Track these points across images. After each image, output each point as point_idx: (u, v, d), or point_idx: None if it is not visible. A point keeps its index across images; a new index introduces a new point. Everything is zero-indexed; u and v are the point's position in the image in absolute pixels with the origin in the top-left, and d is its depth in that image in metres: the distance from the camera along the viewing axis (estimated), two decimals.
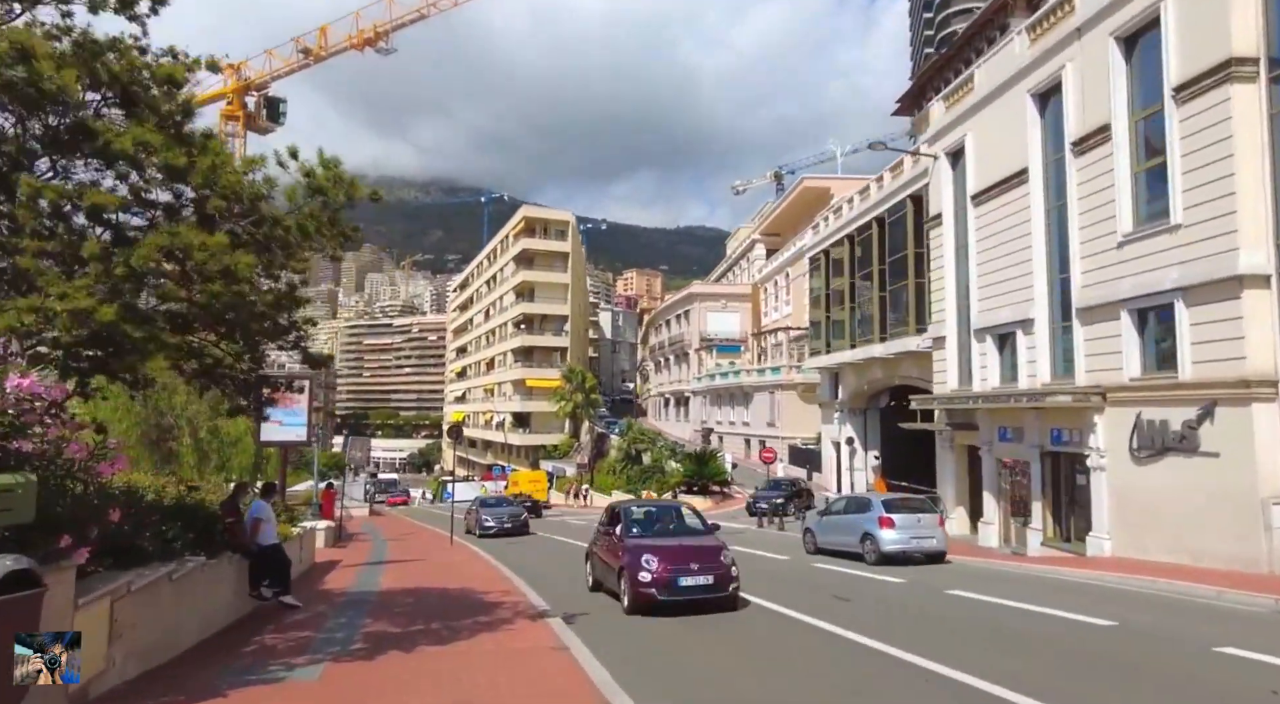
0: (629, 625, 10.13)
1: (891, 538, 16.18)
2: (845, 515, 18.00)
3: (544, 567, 17.56)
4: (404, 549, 21.66)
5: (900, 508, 16.84)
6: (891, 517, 16.37)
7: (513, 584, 13.37)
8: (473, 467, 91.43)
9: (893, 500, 17.35)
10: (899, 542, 16.21)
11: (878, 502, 17.09)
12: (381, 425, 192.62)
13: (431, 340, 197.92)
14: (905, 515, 16.59)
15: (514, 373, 79.04)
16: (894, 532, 16.22)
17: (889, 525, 16.28)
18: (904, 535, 16.27)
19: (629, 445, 46.40)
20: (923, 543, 16.54)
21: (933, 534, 16.74)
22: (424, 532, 30.37)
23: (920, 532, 16.53)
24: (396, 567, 16.61)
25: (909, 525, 16.44)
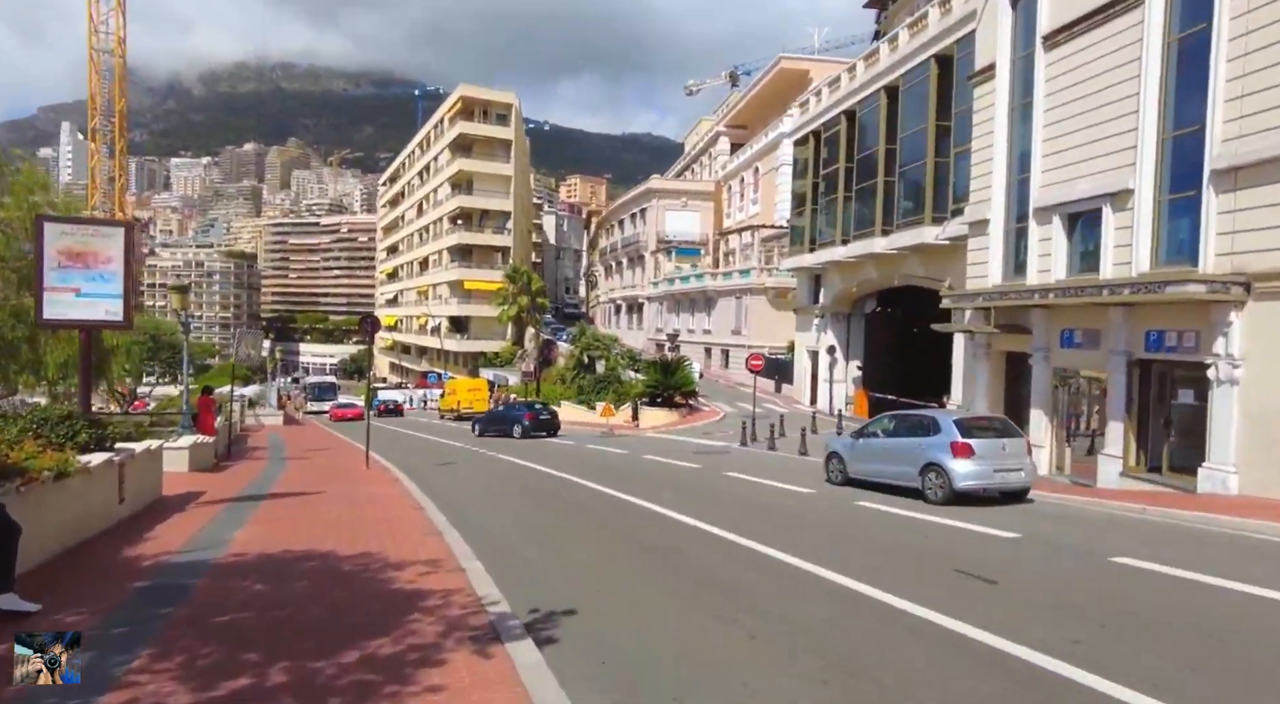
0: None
1: (969, 470, 12.04)
2: (895, 438, 13.78)
3: (486, 505, 12.82)
4: (303, 474, 16.60)
5: (980, 430, 12.65)
6: (969, 442, 12.14)
7: (445, 544, 8.60)
8: (407, 373, 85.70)
9: (969, 421, 13.16)
10: (979, 476, 12.10)
11: (948, 422, 12.78)
12: (310, 330, 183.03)
13: (361, 241, 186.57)
14: (987, 441, 12.39)
15: (451, 274, 72.58)
16: (972, 462, 12.07)
17: (966, 454, 12.07)
18: (985, 467, 12.15)
19: (581, 352, 41.64)
20: (1008, 477, 12.47)
21: (1020, 465, 12.69)
22: (341, 447, 25.25)
23: (1005, 462, 12.41)
24: (277, 506, 11.63)
25: (991, 454, 12.26)
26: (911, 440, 13.22)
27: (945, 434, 12.49)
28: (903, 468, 13.12)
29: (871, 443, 14.29)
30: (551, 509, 12.09)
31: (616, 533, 10.02)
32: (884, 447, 13.95)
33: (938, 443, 12.49)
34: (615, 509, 11.88)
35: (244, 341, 21.06)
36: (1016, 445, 12.83)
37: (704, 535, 9.58)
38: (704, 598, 6.78)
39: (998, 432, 12.94)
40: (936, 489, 12.30)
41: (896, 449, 13.52)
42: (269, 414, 43.11)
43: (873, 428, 14.81)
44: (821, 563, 7.85)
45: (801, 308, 37.09)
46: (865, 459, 14.26)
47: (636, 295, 61.77)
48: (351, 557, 7.87)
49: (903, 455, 13.21)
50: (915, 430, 13.42)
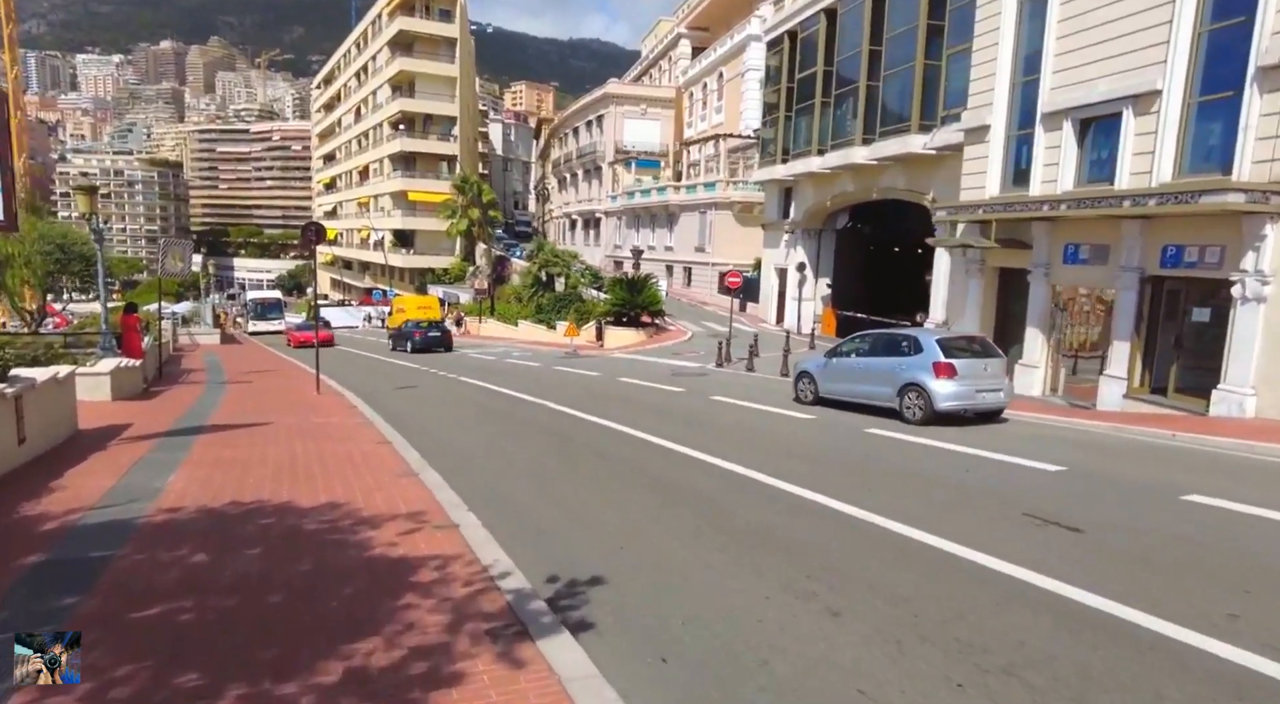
0: None
1: (951, 391, 11.82)
2: (873, 358, 13.40)
3: (462, 436, 11.46)
4: (246, 401, 14.89)
5: (961, 351, 12.38)
6: (952, 362, 11.92)
7: (425, 489, 7.28)
8: (349, 290, 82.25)
9: (951, 341, 12.73)
10: (960, 396, 11.90)
11: (931, 342, 12.39)
12: (244, 244, 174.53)
13: (295, 150, 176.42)
14: (969, 361, 12.17)
15: (393, 184, 68.62)
16: (954, 382, 11.84)
17: (948, 374, 11.84)
18: (967, 387, 11.94)
19: (539, 269, 39.67)
20: (988, 397, 12.29)
21: (999, 385, 12.49)
22: (286, 368, 23.37)
23: (986, 382, 12.21)
24: (219, 442, 10.06)
25: (973, 374, 12.05)
26: (890, 360, 12.87)
27: (927, 354, 12.19)
28: (880, 388, 12.88)
29: (845, 362, 13.94)
30: (538, 441, 10.81)
31: (618, 469, 8.81)
32: (860, 366, 13.60)
33: (919, 363, 12.22)
34: (607, 439, 10.67)
35: (170, 252, 18.69)
36: (996, 366, 12.59)
37: (721, 472, 8.47)
38: (759, 559, 5.64)
39: (979, 352, 12.64)
40: (915, 409, 12.08)
41: (873, 369, 13.19)
42: (204, 333, 40.39)
43: (847, 347, 14.34)
44: (874, 508, 6.81)
45: (770, 223, 35.69)
46: (838, 379, 13.94)
47: (593, 210, 59.36)
48: (314, 510, 6.47)
49: (880, 375, 12.92)
50: (894, 350, 13.02)
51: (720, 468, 8.67)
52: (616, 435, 11.00)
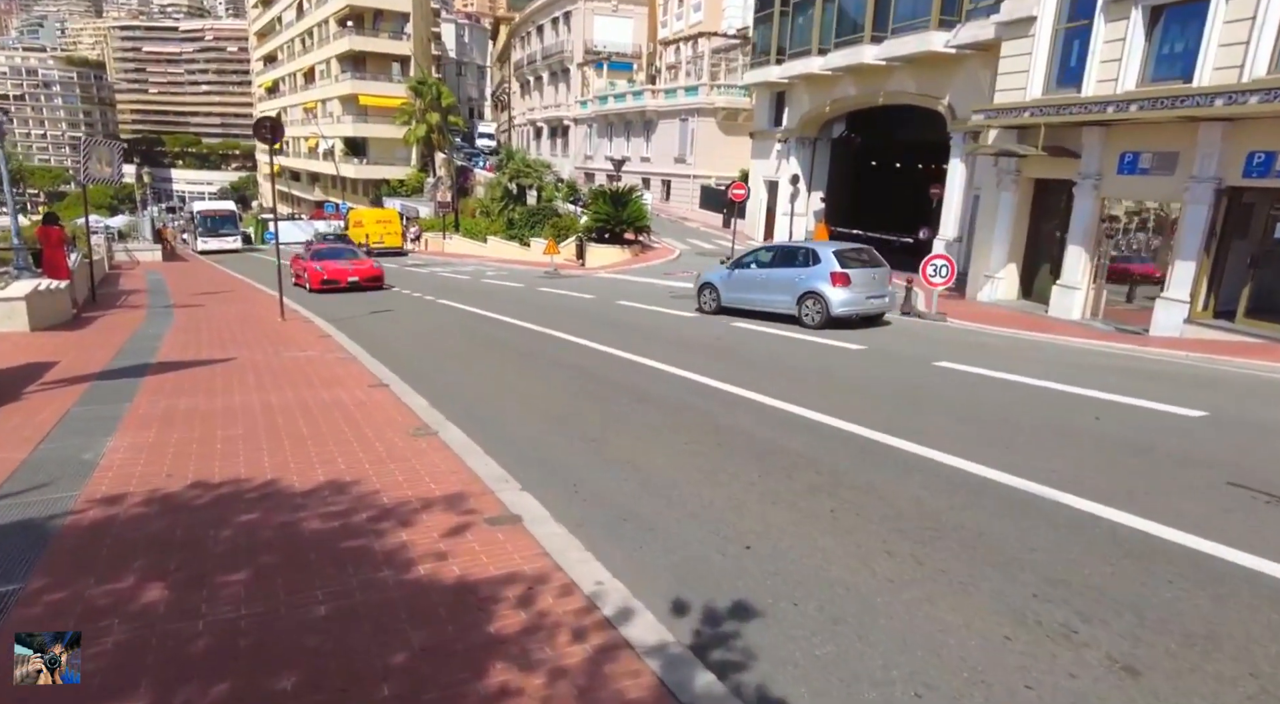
0: None
1: (844, 298, 13.04)
2: (775, 269, 14.29)
3: (476, 378, 9.65)
4: (199, 330, 12.76)
5: (854, 261, 13.51)
6: (847, 272, 13.09)
7: (452, 454, 5.58)
8: (299, 203, 77.55)
9: (845, 252, 13.71)
10: (852, 303, 13.13)
11: (828, 254, 13.42)
12: (182, 154, 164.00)
13: (231, 51, 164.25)
14: (860, 270, 13.37)
15: (342, 87, 63.47)
16: (848, 290, 13.07)
17: (843, 283, 13.04)
18: (858, 294, 13.20)
19: (509, 180, 36.84)
20: (874, 303, 13.59)
21: (884, 293, 13.83)
22: (241, 290, 20.94)
23: (873, 290, 13.53)
24: (169, 386, 8.11)
25: (863, 282, 13.28)
26: (790, 271, 13.82)
27: (825, 265, 13.20)
28: (780, 296, 13.82)
29: (747, 273, 14.69)
30: (558, 379, 9.07)
31: (677, 419, 7.16)
32: (761, 277, 14.40)
33: (817, 273, 13.25)
34: (636, 375, 8.99)
35: (93, 154, 15.95)
36: (882, 274, 13.75)
37: (808, 425, 6.91)
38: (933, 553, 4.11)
39: (867, 262, 13.73)
40: (814, 315, 13.21)
41: (775, 279, 14.04)
42: (144, 249, 37.05)
43: (748, 259, 15.06)
44: (1052, 481, 5.33)
45: (760, 131, 33.34)
46: (740, 289, 14.72)
47: (561, 117, 55.76)
48: (313, 495, 4.73)
49: (781, 285, 13.83)
50: (794, 262, 13.95)
51: (806, 419, 7.11)
52: (645, 371, 9.33)
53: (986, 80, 21.15)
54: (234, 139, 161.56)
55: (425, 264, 32.59)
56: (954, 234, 22.58)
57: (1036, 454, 6.06)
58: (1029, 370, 9.49)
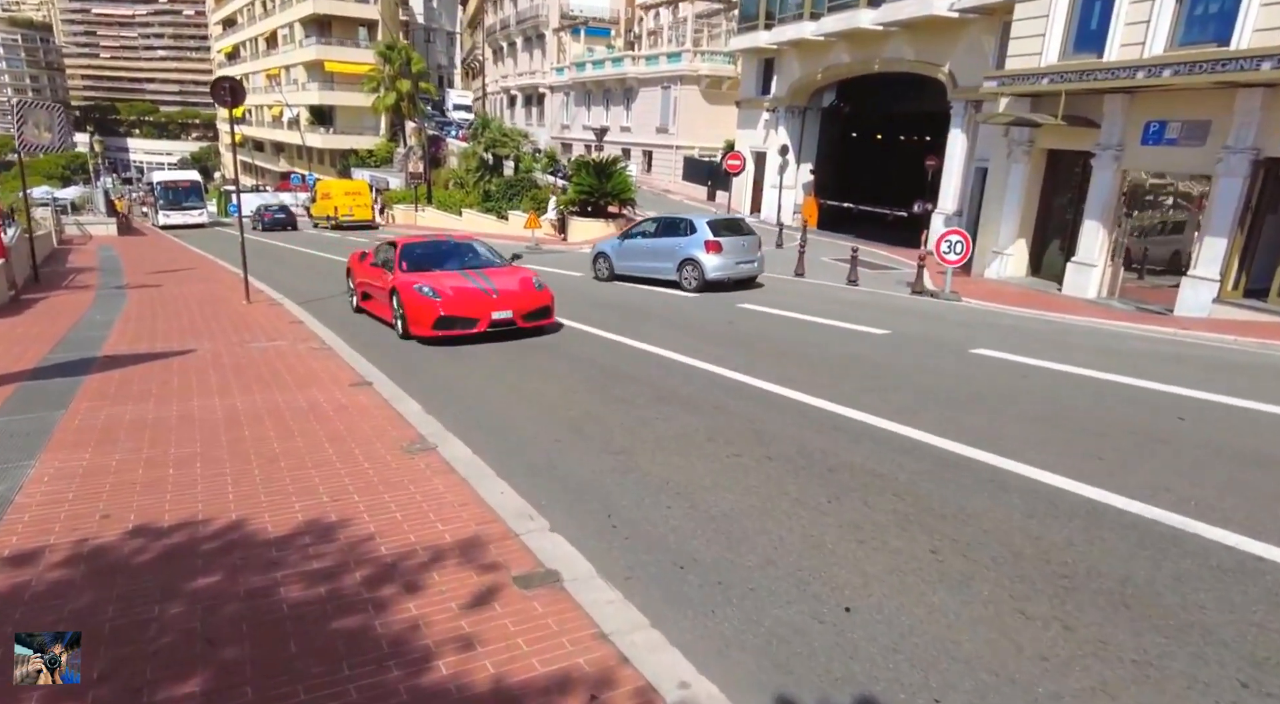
0: None
1: (717, 264, 14.11)
2: (659, 239, 15.23)
3: (463, 370, 8.59)
4: (154, 314, 11.53)
5: (726, 230, 14.61)
6: (719, 240, 14.19)
7: (458, 477, 4.60)
8: (263, 174, 74.81)
9: (718, 222, 14.84)
10: (723, 268, 14.19)
11: (702, 224, 14.47)
12: (139, 123, 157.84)
13: (188, 15, 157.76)
14: (731, 239, 14.44)
15: (307, 53, 60.89)
16: (720, 257, 14.15)
17: (716, 250, 14.14)
18: (729, 260, 14.26)
19: (485, 150, 35.29)
20: (744, 268, 14.60)
21: (754, 258, 14.86)
22: (203, 267, 19.49)
23: (743, 256, 14.57)
24: (113, 387, 7.00)
25: (734, 249, 14.36)
26: (672, 240, 14.79)
27: (700, 234, 14.23)
28: (663, 263, 14.85)
29: (637, 243, 15.59)
30: (581, 381, 8.02)
31: (711, 424, 6.23)
32: (648, 246, 15.29)
33: (694, 241, 14.28)
34: (655, 368, 8.03)
35: (30, 119, 14.43)
36: (752, 242, 14.82)
37: (876, 434, 6.03)
38: None
39: (738, 231, 14.83)
40: (692, 279, 14.25)
41: (659, 248, 15.00)
42: (97, 222, 35.09)
43: (637, 230, 16.04)
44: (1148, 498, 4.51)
45: (746, 100, 32.16)
46: (630, 257, 15.65)
47: (536, 84, 53.88)
48: (290, 543, 3.74)
49: (664, 253, 14.82)
50: (675, 232, 14.89)
51: (859, 422, 6.23)
52: (661, 364, 8.38)
53: (991, 46, 20.27)
54: (194, 107, 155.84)
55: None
56: (954, 208, 21.79)
57: (1139, 468, 5.23)
58: (1076, 358, 8.70)
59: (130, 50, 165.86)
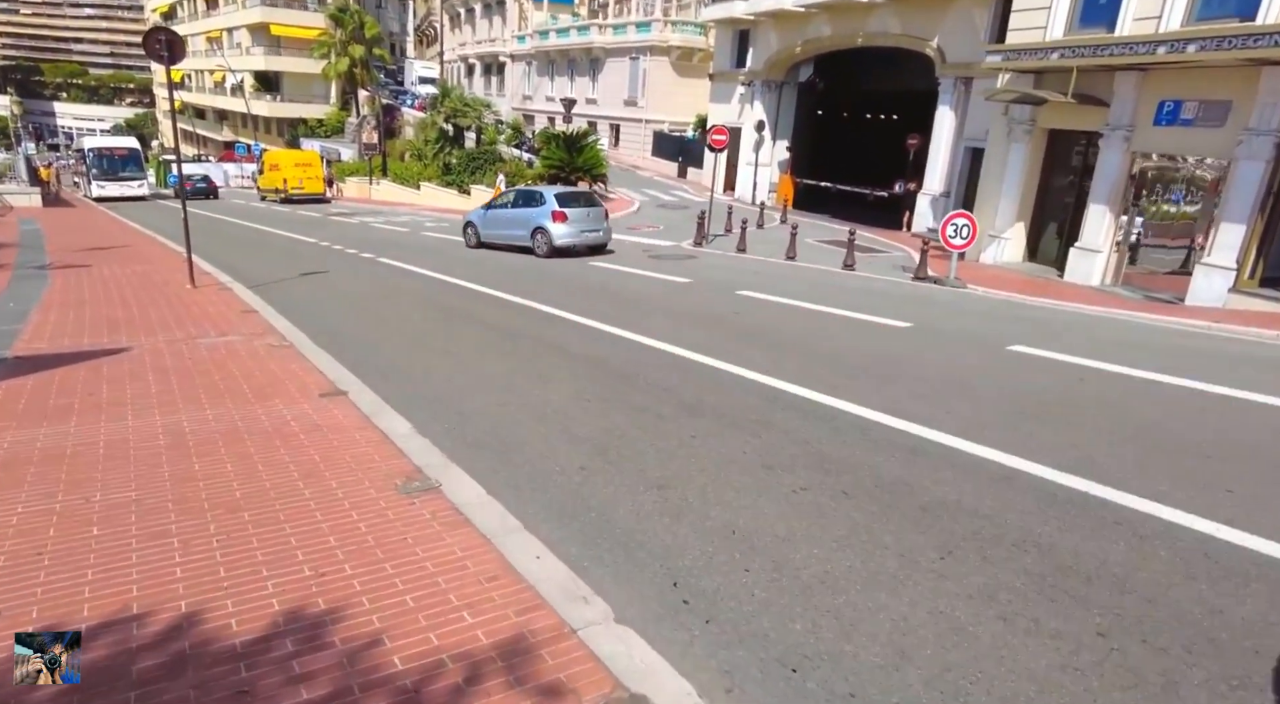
0: None
1: (563, 232, 15.57)
2: (517, 209, 16.61)
3: (451, 369, 7.45)
4: (81, 301, 10.08)
5: (572, 202, 16.08)
6: (565, 210, 15.63)
7: (479, 535, 3.56)
8: (205, 143, 71.02)
9: (564, 194, 16.41)
10: (569, 235, 15.65)
11: (550, 195, 16.02)
12: (66, 86, 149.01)
13: None
14: (577, 209, 15.91)
15: (251, 14, 57.61)
16: (565, 225, 15.57)
17: (561, 219, 15.55)
18: (574, 229, 15.70)
19: (445, 120, 33.51)
20: (590, 236, 16.08)
21: (599, 228, 16.30)
22: (138, 245, 17.75)
23: (589, 225, 16.01)
24: (27, 400, 5.75)
25: (579, 219, 15.80)
26: (527, 210, 16.13)
27: (548, 205, 15.63)
28: (519, 231, 16.22)
29: (499, 213, 17.00)
30: (593, 386, 6.91)
31: (789, 456, 5.30)
32: (507, 216, 16.67)
33: (544, 211, 15.64)
34: (691, 380, 7.05)
35: None
36: (597, 213, 16.31)
37: (976, 467, 5.16)
38: None
39: (584, 202, 16.38)
40: (542, 245, 15.65)
41: (517, 217, 16.34)
42: (18, 192, 32.37)
43: (500, 202, 17.37)
44: None
45: (720, 73, 31.02)
46: (494, 226, 17.08)
47: (496, 53, 51.80)
48: (264, 656, 2.67)
49: (520, 222, 16.22)
50: (530, 203, 16.26)
51: (932, 443, 5.36)
52: (677, 365, 7.39)
53: (983, 20, 19.57)
54: (127, 71, 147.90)
55: (352, 213, 29.40)
56: (940, 188, 21.17)
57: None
58: (1124, 357, 7.98)
59: (54, 6, 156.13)
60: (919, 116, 26.89)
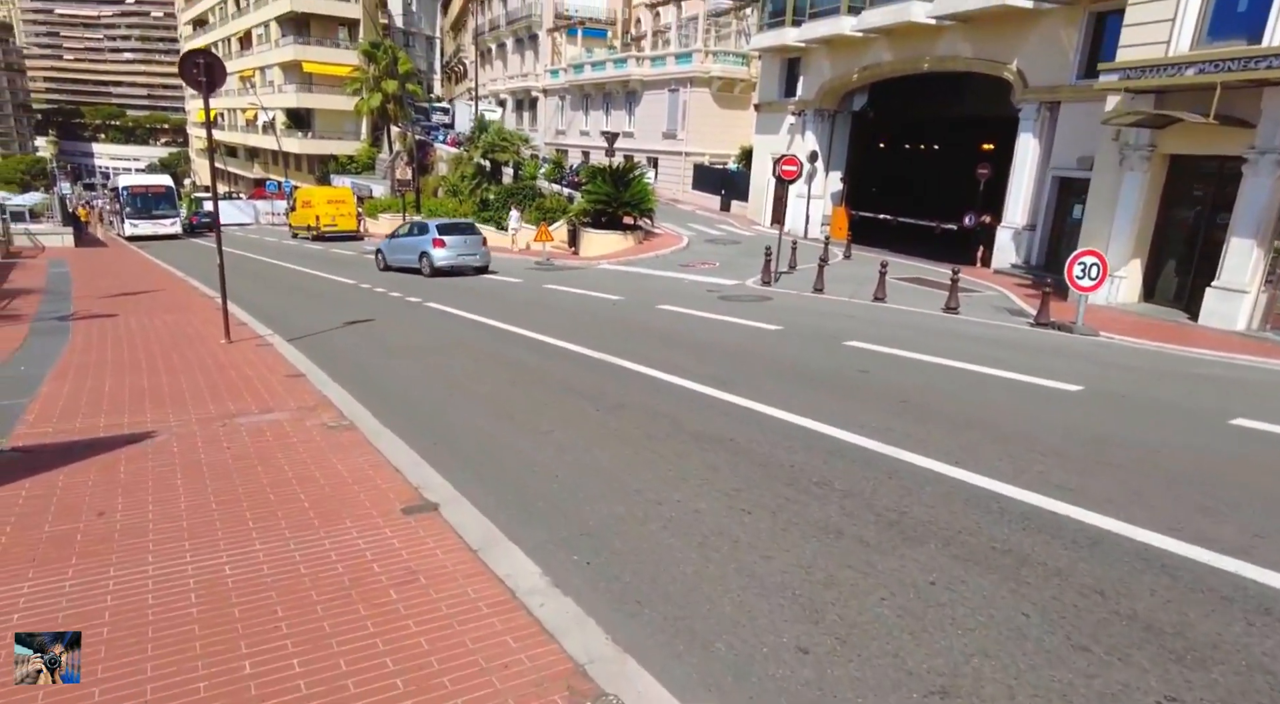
0: None
1: (442, 255, 18.45)
2: (410, 238, 19.74)
3: (575, 479, 5.91)
4: (100, 364, 8.73)
5: (450, 231, 18.97)
6: (443, 238, 18.54)
7: None
8: (236, 181, 71.34)
9: (444, 224, 19.47)
10: (448, 259, 18.51)
11: (432, 226, 19.16)
12: (104, 127, 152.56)
13: (157, 17, 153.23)
14: (455, 237, 18.76)
15: (284, 53, 57.79)
16: (444, 250, 18.46)
17: (440, 245, 18.45)
18: (452, 253, 18.56)
19: (483, 155, 32.55)
20: (469, 259, 18.87)
21: (476, 253, 19.03)
22: (169, 288, 16.58)
23: (466, 250, 18.80)
24: (8, 535, 4.33)
25: (456, 246, 18.62)
26: (417, 238, 19.21)
27: (430, 234, 18.69)
28: (411, 255, 19.13)
29: (399, 241, 20.14)
30: (734, 472, 5.43)
31: (979, 581, 3.71)
32: (404, 243, 19.73)
33: (427, 240, 18.64)
34: (876, 476, 5.50)
35: None
36: (475, 241, 19.09)
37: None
38: None
39: (462, 231, 19.33)
40: (426, 267, 18.46)
41: (409, 244, 19.44)
42: (51, 232, 31.78)
43: (400, 231, 20.73)
44: None
45: (767, 103, 29.81)
46: (395, 252, 20.05)
47: (529, 87, 51.24)
48: None
49: (411, 248, 19.23)
50: (420, 232, 19.37)
51: (1178, 559, 3.72)
52: (820, 443, 5.82)
53: (1071, 40, 18.10)
54: (162, 112, 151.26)
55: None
56: (1024, 221, 19.55)
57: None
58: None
59: (95, 52, 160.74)
60: (989, 143, 25.47)
